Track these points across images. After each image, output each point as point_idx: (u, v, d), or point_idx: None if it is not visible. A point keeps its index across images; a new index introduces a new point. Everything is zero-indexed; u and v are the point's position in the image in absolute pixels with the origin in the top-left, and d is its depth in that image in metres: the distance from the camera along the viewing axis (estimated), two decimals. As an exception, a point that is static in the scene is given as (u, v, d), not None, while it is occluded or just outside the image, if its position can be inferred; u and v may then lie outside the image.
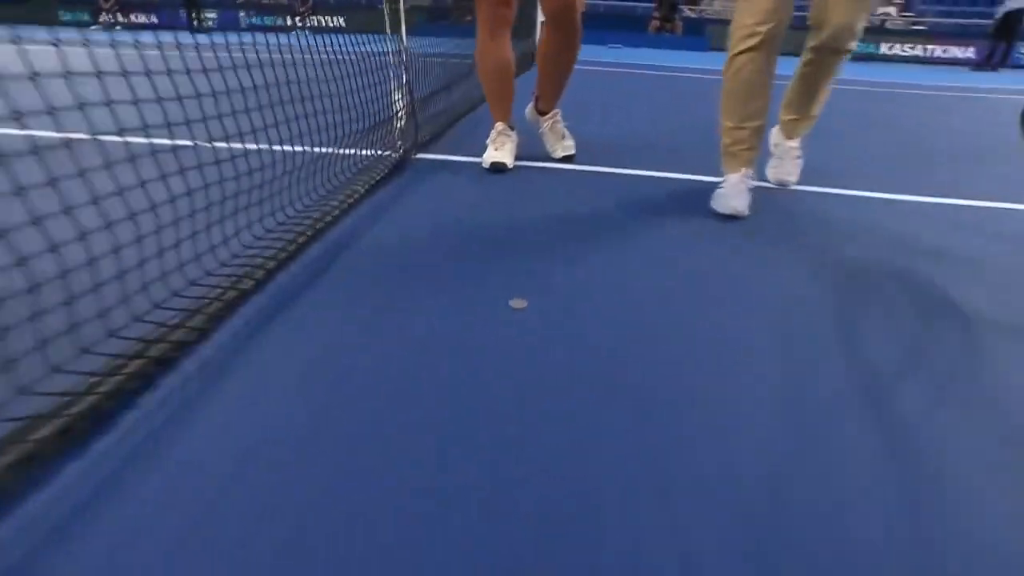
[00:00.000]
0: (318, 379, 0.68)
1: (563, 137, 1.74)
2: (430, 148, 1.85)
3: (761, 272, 1.04)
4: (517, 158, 1.69)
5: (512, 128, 1.66)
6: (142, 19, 13.52)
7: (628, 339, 0.80)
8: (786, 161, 1.60)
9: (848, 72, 8.35)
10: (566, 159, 1.72)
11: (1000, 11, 9.36)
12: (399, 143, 1.63)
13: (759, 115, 1.34)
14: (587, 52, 7.85)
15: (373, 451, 0.57)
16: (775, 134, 1.63)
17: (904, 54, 12.01)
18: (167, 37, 6.16)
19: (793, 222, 1.33)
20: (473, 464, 0.56)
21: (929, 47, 11.94)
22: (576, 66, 1.63)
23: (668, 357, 0.76)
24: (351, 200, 1.27)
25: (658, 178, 1.63)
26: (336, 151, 1.33)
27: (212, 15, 13.27)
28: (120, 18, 13.02)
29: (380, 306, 0.86)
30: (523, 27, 3.89)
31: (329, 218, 1.16)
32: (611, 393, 0.68)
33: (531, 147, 1.81)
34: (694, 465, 0.56)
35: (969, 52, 11.25)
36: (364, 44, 1.41)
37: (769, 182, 1.61)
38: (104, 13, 12.80)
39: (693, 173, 1.70)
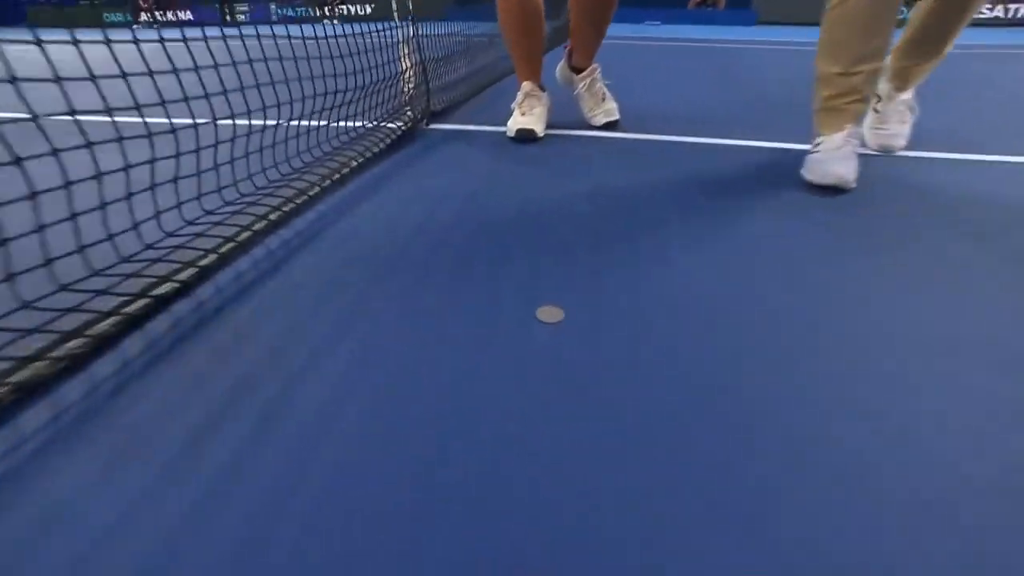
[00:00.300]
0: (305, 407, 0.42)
1: (604, 99, 1.43)
2: (445, 118, 1.57)
3: (892, 271, 0.72)
4: (549, 125, 1.39)
5: (543, 89, 1.37)
6: (179, 15, 13.73)
7: (697, 383, 0.51)
8: (892, 121, 1.24)
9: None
10: (608, 126, 1.41)
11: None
12: (407, 110, 1.35)
13: (878, 55, 1.00)
14: (622, 29, 7.43)
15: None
16: (880, 85, 1.26)
17: (982, 17, 10.93)
18: (194, 32, 6.09)
19: (920, 196, 0.99)
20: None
21: (1014, 5, 10.80)
22: (611, 40, 1.33)
23: (762, 415, 0.46)
24: (339, 175, 1.01)
25: (724, 146, 1.31)
26: (329, 123, 1.08)
27: (244, 8, 13.34)
28: (158, 16, 13.26)
29: (345, 330, 0.60)
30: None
31: (305, 197, 0.90)
32: (678, 461, 0.39)
33: (565, 113, 1.51)
34: None
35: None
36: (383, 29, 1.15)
37: (867, 148, 1.26)
38: (143, 12, 13.06)
39: (767, 140, 1.37)
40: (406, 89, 1.35)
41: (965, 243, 0.79)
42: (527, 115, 1.30)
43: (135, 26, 13.19)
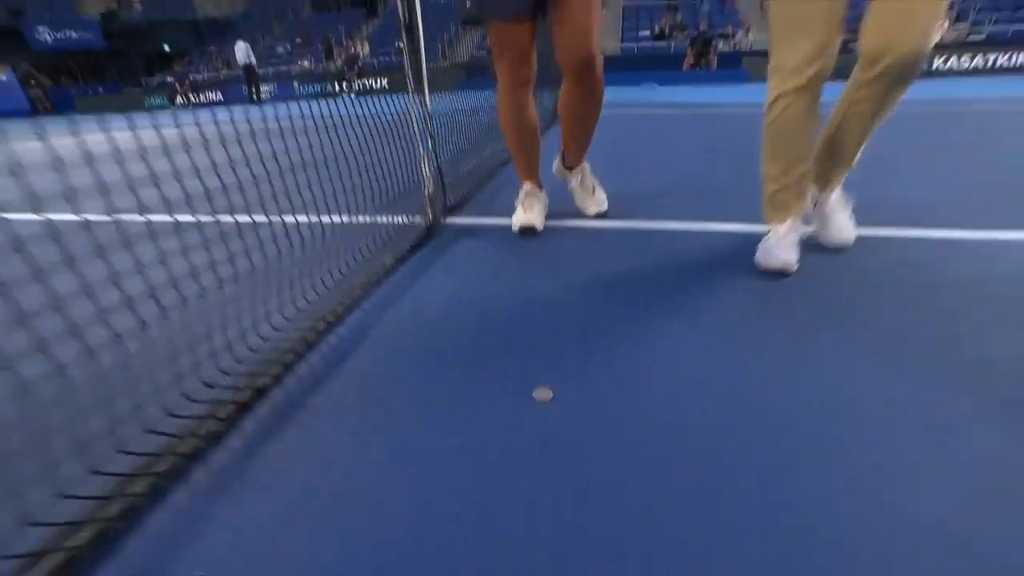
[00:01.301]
0: (329, 492, 0.63)
1: (594, 192, 1.68)
2: (460, 211, 1.84)
3: (829, 348, 0.92)
4: (549, 216, 1.65)
5: (540, 187, 1.63)
6: (210, 96, 14.87)
7: (669, 450, 0.70)
8: (836, 216, 1.38)
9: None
10: (599, 215, 1.66)
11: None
12: (428, 211, 1.62)
13: (807, 158, 1.23)
14: (621, 94, 7.90)
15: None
16: (811, 191, 1.39)
17: (962, 67, 11.43)
18: (222, 115, 6.68)
19: (858, 276, 1.20)
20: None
21: (990, 55, 11.33)
22: (611, 109, 1.60)
23: (720, 478, 0.66)
24: (378, 275, 1.25)
25: (700, 232, 1.54)
26: (365, 219, 1.33)
27: (268, 88, 14.42)
28: (192, 98, 14.37)
29: (395, 407, 0.81)
30: (550, 78, 3.94)
31: (350, 300, 1.13)
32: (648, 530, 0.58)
33: (564, 203, 1.76)
34: None
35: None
36: (398, 104, 1.43)
37: (827, 244, 1.42)
38: (178, 95, 14.19)
39: (738, 221, 1.59)
40: (425, 194, 1.62)
41: (902, 316, 0.99)
42: (528, 212, 1.56)
43: (171, 107, 14.28)
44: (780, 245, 1.23)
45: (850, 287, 1.15)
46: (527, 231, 1.53)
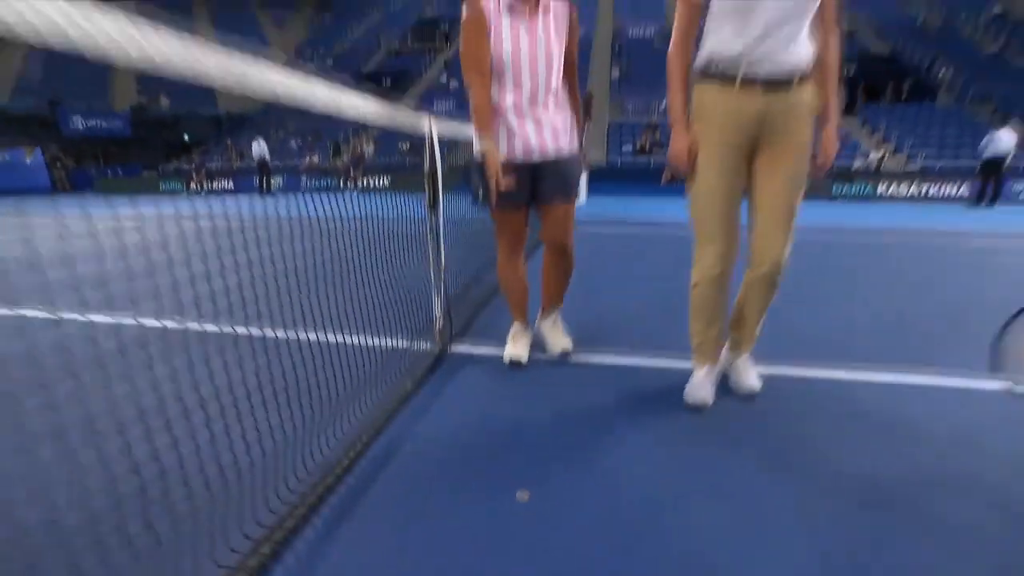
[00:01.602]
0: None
1: (562, 335, 2.11)
2: (463, 338, 2.29)
3: (733, 476, 1.34)
4: (533, 349, 2.10)
5: (527, 326, 2.10)
6: (222, 184, 15.87)
7: (611, 545, 1.09)
8: (744, 373, 1.78)
9: (846, 217, 8.81)
10: (564, 355, 2.06)
11: (982, 158, 10.19)
12: (438, 340, 2.07)
13: (719, 323, 1.71)
14: (602, 207, 8.70)
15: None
16: (724, 351, 1.83)
17: (901, 194, 12.84)
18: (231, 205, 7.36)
19: (755, 412, 1.64)
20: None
21: (924, 185, 12.79)
22: (590, 228, 2.08)
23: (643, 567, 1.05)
24: (401, 400, 1.67)
25: (650, 369, 1.98)
26: (390, 344, 1.77)
27: (277, 180, 15.49)
28: (205, 185, 15.32)
29: (412, 512, 1.19)
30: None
31: (379, 424, 1.54)
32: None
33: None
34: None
35: (963, 189, 11.97)
36: (407, 207, 1.90)
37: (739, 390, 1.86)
38: (193, 182, 15.15)
39: (678, 358, 2.04)
40: (436, 328, 2.07)
41: (785, 445, 1.41)
42: (516, 347, 2.01)
43: (187, 193, 15.18)
44: (701, 386, 1.68)
45: (747, 419, 1.58)
46: (515, 363, 1.97)
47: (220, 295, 2.22)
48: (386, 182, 14.92)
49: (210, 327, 2.12)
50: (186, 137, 22.16)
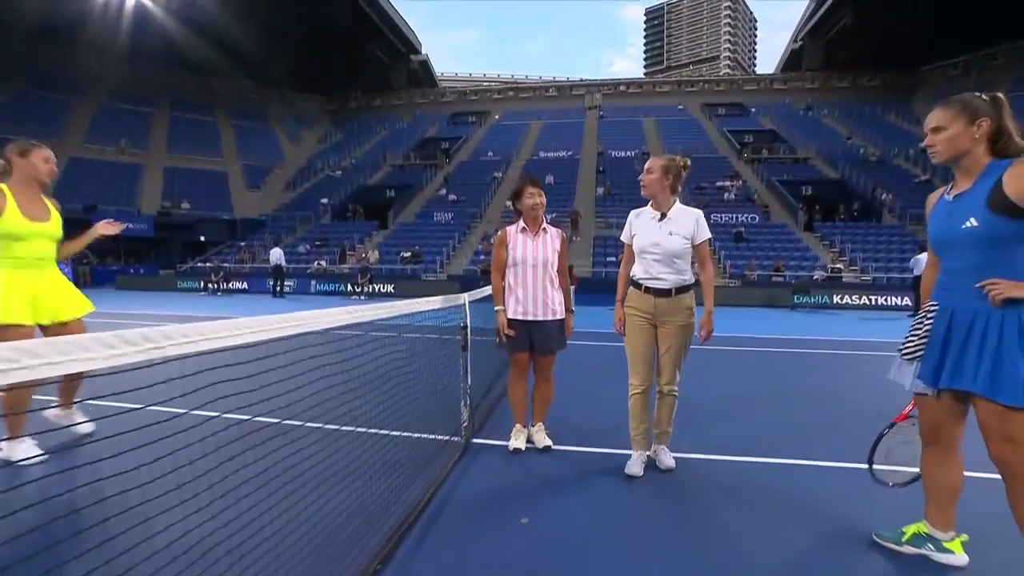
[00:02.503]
0: None
1: (545, 437, 3.03)
2: (480, 432, 3.24)
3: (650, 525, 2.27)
4: (527, 443, 3.06)
5: (524, 427, 3.08)
6: (237, 285, 17.07)
7: (573, 543, 2.01)
8: (662, 456, 2.73)
9: (801, 327, 10.02)
10: (546, 448, 2.97)
11: (912, 274, 11.78)
12: (464, 436, 3.03)
13: (646, 422, 2.70)
14: (588, 319, 9.86)
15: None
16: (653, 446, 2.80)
17: (854, 303, 14.33)
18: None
19: (677, 485, 2.58)
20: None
21: (874, 296, 14.32)
22: (576, 341, 3.10)
23: None
24: (446, 472, 2.60)
25: (603, 454, 2.94)
26: (433, 438, 2.73)
27: (290, 283, 16.76)
28: (222, 285, 16.50)
29: (464, 531, 2.11)
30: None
31: (437, 484, 2.47)
32: None
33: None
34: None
35: (907, 300, 13.43)
36: (440, 320, 2.93)
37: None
38: (210, 283, 16.35)
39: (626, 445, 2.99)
40: (464, 424, 3.04)
41: (694, 511, 2.34)
42: (516, 440, 2.97)
43: (202, 292, 16.31)
44: (634, 463, 2.65)
45: (669, 491, 2.53)
46: (516, 451, 2.93)
47: (309, 396, 3.22)
48: (391, 288, 16.21)
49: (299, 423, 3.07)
50: (203, 238, 23.82)
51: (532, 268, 2.92)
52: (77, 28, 27.57)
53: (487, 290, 3.39)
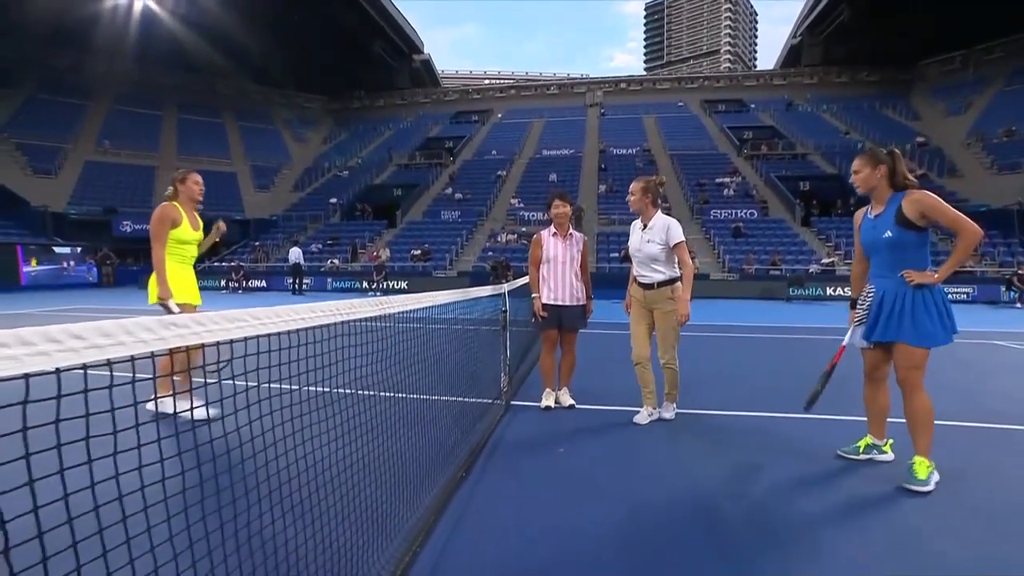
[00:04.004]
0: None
1: (569, 397, 3.74)
2: (517, 395, 3.92)
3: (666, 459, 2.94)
4: (556, 403, 3.74)
5: (552, 389, 3.76)
6: (257, 284, 17.77)
7: (597, 474, 2.68)
8: (665, 411, 3.42)
9: (792, 315, 10.78)
10: (570, 407, 3.68)
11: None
12: (505, 399, 3.71)
13: (650, 384, 3.38)
14: (601, 313, 10.56)
15: None
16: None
17: (846, 295, 14.95)
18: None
19: (672, 429, 3.25)
20: None
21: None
22: (591, 330, 3.79)
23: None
24: (486, 437, 3.27)
25: (616, 410, 3.62)
26: (479, 401, 3.41)
27: (308, 281, 17.43)
28: (243, 283, 17.19)
29: (513, 466, 2.78)
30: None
31: (487, 435, 3.14)
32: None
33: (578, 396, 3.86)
34: None
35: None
36: (480, 312, 3.61)
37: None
38: (232, 281, 17.03)
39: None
40: (504, 388, 3.71)
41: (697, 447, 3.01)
42: (546, 400, 3.65)
43: (224, 290, 17.01)
44: (642, 416, 3.33)
45: (666, 434, 3.20)
46: (547, 408, 3.61)
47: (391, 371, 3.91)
48: (404, 285, 16.88)
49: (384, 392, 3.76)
50: (217, 238, 24.37)
51: (561, 264, 3.62)
52: (86, 32, 28.17)
53: (520, 281, 4.07)
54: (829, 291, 15.16)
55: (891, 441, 2.75)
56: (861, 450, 2.73)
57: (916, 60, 33.89)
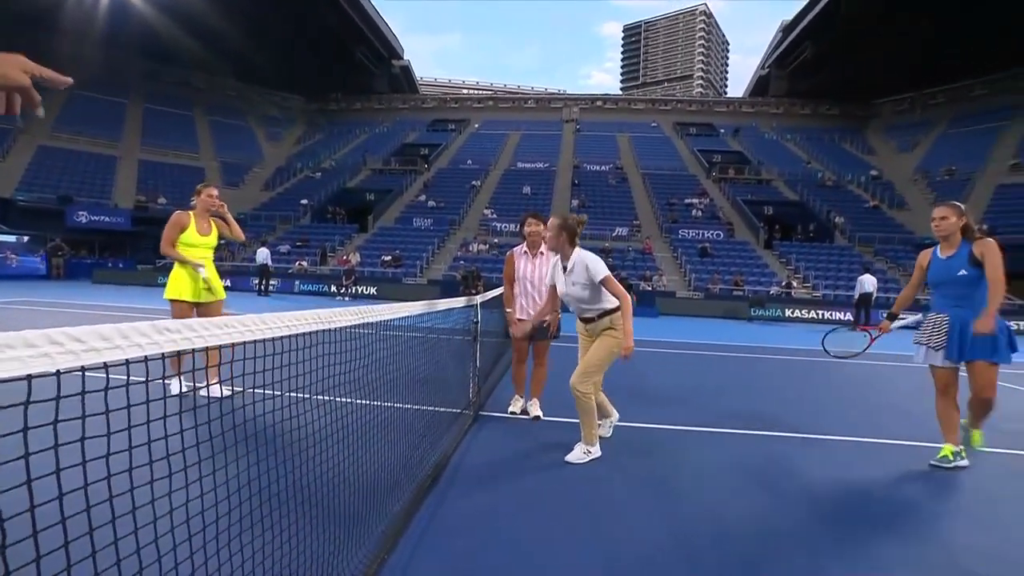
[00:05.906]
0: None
1: (537, 408, 3.81)
2: (485, 406, 3.97)
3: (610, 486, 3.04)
4: (523, 412, 3.80)
5: (521, 397, 3.83)
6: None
7: (563, 477, 2.76)
8: (604, 428, 3.55)
9: (753, 336, 11.12)
10: (536, 418, 3.75)
11: (856, 293, 13.08)
12: (473, 409, 3.75)
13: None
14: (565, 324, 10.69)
15: None
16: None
17: (803, 316, 15.63)
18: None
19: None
20: None
21: (820, 311, 15.66)
22: (563, 343, 3.88)
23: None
24: (461, 435, 3.31)
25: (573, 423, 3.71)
26: (451, 411, 3.44)
27: (275, 282, 17.03)
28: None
29: (482, 478, 2.83)
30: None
31: (454, 446, 3.17)
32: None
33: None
34: None
35: (849, 316, 14.77)
36: (449, 321, 3.65)
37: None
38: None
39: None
40: (472, 399, 3.75)
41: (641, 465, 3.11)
42: (514, 407, 3.73)
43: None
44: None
45: (619, 445, 3.30)
46: (513, 414, 3.68)
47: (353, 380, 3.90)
48: (373, 291, 16.69)
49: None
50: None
51: (531, 282, 3.71)
52: (52, 13, 27.04)
53: (492, 293, 4.16)
54: (788, 312, 15.76)
55: (968, 442, 3.26)
56: (951, 457, 3.09)
57: (872, 98, 35.90)
